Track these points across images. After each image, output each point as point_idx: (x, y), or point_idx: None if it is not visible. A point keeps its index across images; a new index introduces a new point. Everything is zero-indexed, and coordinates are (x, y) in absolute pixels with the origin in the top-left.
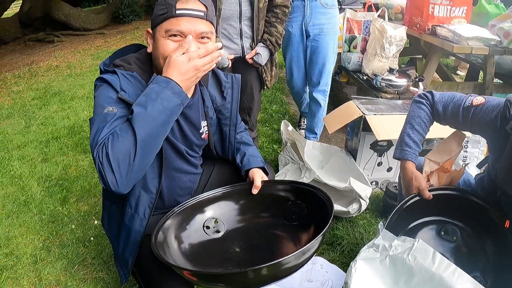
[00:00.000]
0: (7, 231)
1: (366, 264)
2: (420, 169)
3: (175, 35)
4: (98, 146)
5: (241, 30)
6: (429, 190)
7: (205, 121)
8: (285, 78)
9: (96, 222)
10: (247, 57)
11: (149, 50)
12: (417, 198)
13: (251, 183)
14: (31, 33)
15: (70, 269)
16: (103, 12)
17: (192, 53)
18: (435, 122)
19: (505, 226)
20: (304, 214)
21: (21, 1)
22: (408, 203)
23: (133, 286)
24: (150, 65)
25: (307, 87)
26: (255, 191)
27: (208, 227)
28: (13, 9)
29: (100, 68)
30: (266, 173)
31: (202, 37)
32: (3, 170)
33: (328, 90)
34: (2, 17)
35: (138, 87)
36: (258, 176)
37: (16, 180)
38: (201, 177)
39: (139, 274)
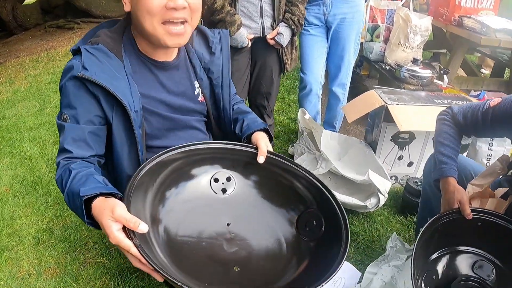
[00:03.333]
0: (12, 211)
1: None
2: None
3: None
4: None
5: (261, 8)
6: (472, 211)
7: (197, 81)
8: None
9: None
10: (269, 37)
11: (127, 9)
12: (455, 216)
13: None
14: (51, 20)
15: (71, 252)
16: None
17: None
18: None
19: None
20: (319, 233)
21: None
22: (445, 219)
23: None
24: (121, 32)
25: (320, 88)
26: (261, 159)
27: (216, 180)
28: None
29: (70, 51)
30: (271, 138)
31: None
32: (14, 151)
33: (348, 83)
34: (23, 3)
35: (104, 59)
36: (263, 142)
37: (26, 161)
38: None
39: None
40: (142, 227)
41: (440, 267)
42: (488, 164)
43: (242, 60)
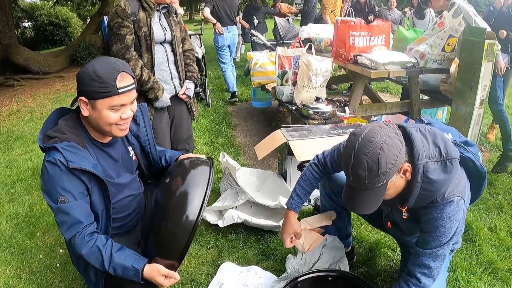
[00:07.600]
0: None
1: None
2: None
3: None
4: (75, 244)
5: (171, 72)
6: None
7: (130, 147)
8: (232, 113)
9: (61, 251)
10: (180, 92)
11: (86, 114)
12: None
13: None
14: None
15: None
16: (61, 55)
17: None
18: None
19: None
20: None
21: None
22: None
23: None
24: (79, 127)
25: None
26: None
27: None
28: None
29: (40, 146)
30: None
31: (132, 102)
32: None
33: None
34: None
35: (79, 153)
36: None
37: None
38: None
39: None
40: (176, 277)
41: None
42: None
43: (164, 119)
